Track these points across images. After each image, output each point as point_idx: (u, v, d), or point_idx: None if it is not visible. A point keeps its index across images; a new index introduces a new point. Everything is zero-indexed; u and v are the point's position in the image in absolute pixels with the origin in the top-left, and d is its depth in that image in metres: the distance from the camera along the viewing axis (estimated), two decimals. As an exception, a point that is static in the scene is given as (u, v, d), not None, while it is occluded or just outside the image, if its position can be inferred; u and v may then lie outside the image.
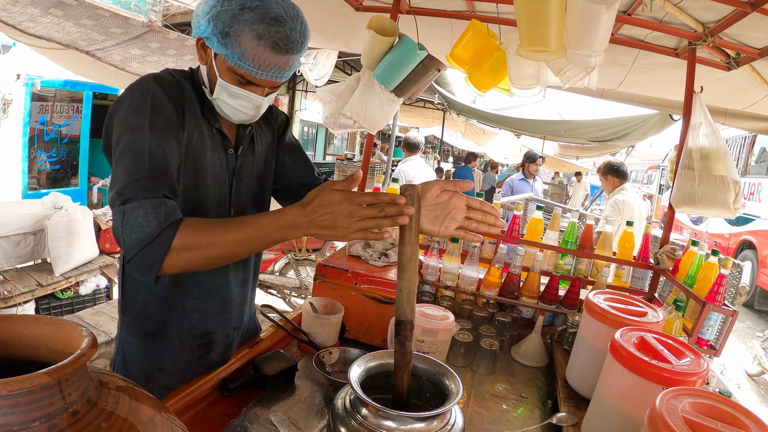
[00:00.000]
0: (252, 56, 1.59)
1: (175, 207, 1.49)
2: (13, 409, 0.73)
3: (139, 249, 1.42)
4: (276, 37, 1.58)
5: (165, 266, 1.43)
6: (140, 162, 1.49)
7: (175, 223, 1.44)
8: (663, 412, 1.20)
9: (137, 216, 1.42)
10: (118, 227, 1.44)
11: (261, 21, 1.55)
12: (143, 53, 6.13)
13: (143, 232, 1.41)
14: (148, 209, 1.43)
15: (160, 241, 1.41)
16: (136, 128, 1.53)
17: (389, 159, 11.47)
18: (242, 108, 1.74)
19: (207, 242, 1.44)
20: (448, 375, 1.39)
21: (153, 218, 1.42)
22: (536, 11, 2.38)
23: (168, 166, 1.55)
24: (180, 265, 1.45)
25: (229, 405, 1.81)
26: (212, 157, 1.80)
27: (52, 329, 0.90)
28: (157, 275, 1.45)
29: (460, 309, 2.79)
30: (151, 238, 1.41)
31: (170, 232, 1.42)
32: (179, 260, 1.44)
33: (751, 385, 7.58)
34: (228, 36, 1.56)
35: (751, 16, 2.69)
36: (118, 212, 1.44)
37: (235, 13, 1.55)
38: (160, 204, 1.44)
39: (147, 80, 1.64)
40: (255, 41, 1.56)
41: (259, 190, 2.05)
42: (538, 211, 3.16)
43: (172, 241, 1.42)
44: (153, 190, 1.46)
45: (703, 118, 3.06)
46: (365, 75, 3.23)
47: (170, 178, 1.55)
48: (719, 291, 2.52)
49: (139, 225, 1.41)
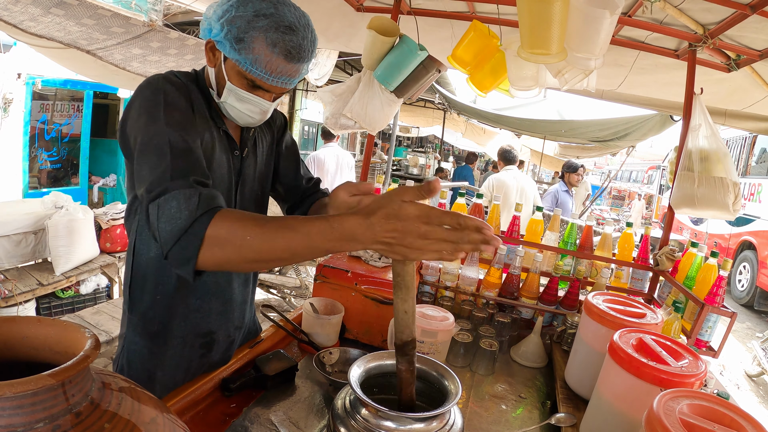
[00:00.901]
0: (264, 63, 1.60)
1: (211, 194, 1.41)
2: (17, 410, 0.73)
3: (174, 242, 1.34)
4: (289, 46, 1.59)
5: (201, 260, 1.33)
6: (162, 155, 1.45)
7: (210, 212, 1.35)
8: (660, 413, 1.21)
9: (171, 207, 1.36)
10: (154, 221, 1.39)
11: (275, 29, 1.57)
12: (144, 53, 6.12)
13: (176, 224, 1.34)
14: (180, 199, 1.37)
15: (193, 232, 1.32)
16: (151, 125, 1.52)
17: (389, 159, 11.46)
18: (249, 112, 1.75)
19: (242, 239, 1.30)
20: (448, 376, 1.39)
21: (185, 208, 1.35)
22: (539, 14, 2.38)
23: (191, 152, 1.51)
24: (215, 261, 1.34)
25: (230, 405, 1.82)
26: (220, 158, 1.81)
27: (55, 331, 0.91)
28: (194, 269, 1.35)
29: (459, 309, 2.80)
30: (184, 229, 1.33)
31: (203, 222, 1.33)
32: (214, 254, 1.33)
33: (750, 385, 7.58)
34: (242, 42, 1.57)
35: (752, 18, 2.70)
36: (153, 207, 1.39)
37: (249, 20, 1.56)
38: (192, 193, 1.38)
39: (156, 79, 1.64)
40: (268, 48, 1.58)
41: (260, 191, 2.07)
42: (538, 212, 3.16)
43: (205, 232, 1.32)
44: (183, 177, 1.42)
45: (703, 119, 3.07)
46: (366, 75, 3.24)
47: (198, 162, 1.51)
48: (718, 293, 2.53)
49: (172, 216, 1.35)
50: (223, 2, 1.61)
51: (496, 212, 3.09)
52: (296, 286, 6.98)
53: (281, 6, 1.61)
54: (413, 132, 24.71)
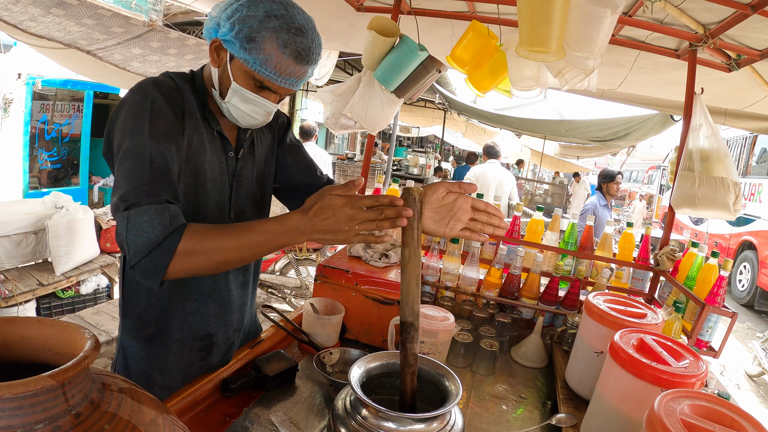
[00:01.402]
0: (274, 63, 1.61)
1: (178, 212, 1.49)
2: (17, 411, 0.73)
3: (145, 254, 1.42)
4: (300, 48, 1.61)
5: (170, 271, 1.43)
6: (142, 167, 1.49)
7: (180, 228, 1.44)
8: (661, 414, 1.21)
9: (141, 221, 1.42)
10: (122, 232, 1.44)
11: (287, 30, 1.58)
12: (144, 53, 6.13)
13: (148, 238, 1.41)
14: (152, 214, 1.43)
15: (165, 246, 1.41)
16: (136, 133, 1.53)
17: (390, 159, 11.48)
18: (253, 113, 1.75)
19: (211, 247, 1.45)
20: (448, 376, 1.40)
21: (158, 223, 1.42)
22: (540, 11, 2.38)
23: (169, 170, 1.55)
24: (184, 270, 1.45)
25: (230, 405, 1.82)
26: (212, 160, 1.80)
27: (55, 331, 0.91)
28: (161, 280, 1.45)
29: (460, 310, 2.79)
30: (156, 243, 1.41)
31: (175, 237, 1.42)
32: (184, 265, 1.44)
33: (750, 385, 7.58)
34: (253, 41, 1.57)
35: (752, 18, 2.69)
36: (122, 218, 1.44)
37: (261, 20, 1.56)
38: (164, 209, 1.44)
39: (146, 85, 1.64)
40: (279, 49, 1.59)
41: (259, 192, 2.06)
42: (538, 212, 3.16)
43: (177, 246, 1.42)
44: (156, 195, 1.46)
45: (704, 119, 3.06)
46: (366, 75, 3.24)
47: (172, 183, 1.55)
48: (719, 293, 2.52)
49: (143, 230, 1.41)
50: (231, 1, 1.61)
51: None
52: (296, 287, 6.99)
53: (291, 8, 1.62)
54: (413, 132, 24.74)
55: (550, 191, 16.71)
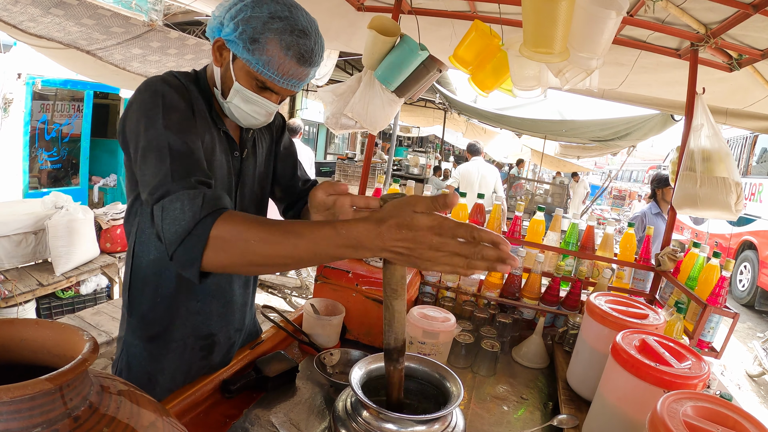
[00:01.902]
0: (277, 65, 1.61)
1: (215, 195, 1.40)
2: (15, 415, 0.72)
3: (179, 243, 1.33)
4: (303, 50, 1.61)
5: (206, 262, 1.32)
6: (162, 158, 1.45)
7: (214, 213, 1.33)
8: (664, 415, 1.20)
9: (175, 208, 1.36)
10: (159, 223, 1.38)
11: (290, 32, 1.58)
12: (144, 52, 6.13)
13: (180, 225, 1.33)
14: (184, 200, 1.36)
15: (197, 233, 1.31)
16: (150, 128, 1.51)
17: (390, 158, 11.48)
18: (254, 113, 1.75)
19: (246, 243, 1.28)
20: (449, 377, 1.39)
21: (189, 209, 1.34)
22: (545, 12, 2.37)
23: (192, 153, 1.50)
24: (220, 262, 1.32)
25: (230, 406, 1.81)
26: (220, 159, 1.80)
27: (53, 333, 0.90)
28: (200, 272, 1.34)
29: (461, 310, 2.79)
30: (188, 231, 1.32)
31: (207, 223, 1.31)
32: (218, 256, 1.31)
33: (751, 386, 7.58)
34: (256, 42, 1.57)
35: (754, 18, 2.69)
36: (157, 208, 1.39)
37: (265, 21, 1.56)
38: (197, 194, 1.37)
39: (155, 81, 1.63)
40: (282, 51, 1.59)
41: (260, 192, 2.06)
42: (540, 212, 3.16)
43: (209, 233, 1.31)
44: (184, 178, 1.42)
45: (705, 119, 3.06)
46: (366, 75, 3.23)
47: (198, 162, 1.51)
48: (721, 293, 2.52)
49: (176, 218, 1.35)
50: (236, 1, 1.61)
51: (497, 212, 3.08)
52: (297, 287, 6.99)
53: (294, 10, 1.62)
54: (414, 132, 24.75)
55: (551, 191, 16.70)
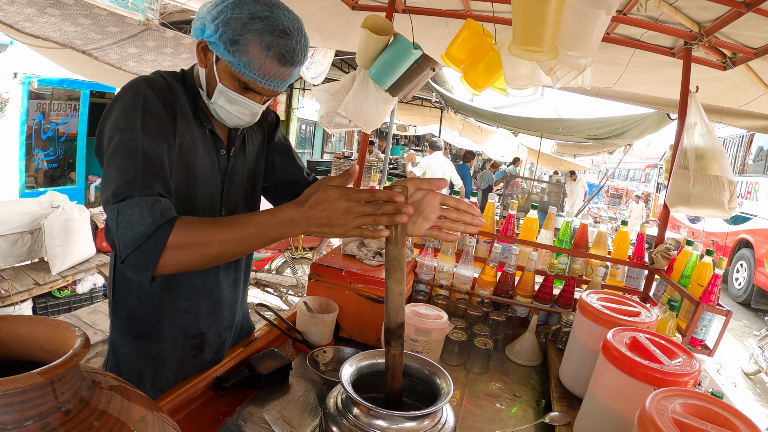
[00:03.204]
0: (258, 66, 1.61)
1: (169, 205, 1.46)
2: (7, 408, 0.73)
3: (135, 247, 1.38)
4: (283, 50, 1.60)
5: (161, 265, 1.40)
6: (133, 161, 1.47)
7: (171, 221, 1.41)
8: (653, 413, 1.21)
9: (132, 213, 1.39)
10: (113, 225, 1.42)
11: (270, 32, 1.57)
12: (140, 52, 6.12)
13: (138, 230, 1.38)
14: (143, 207, 1.40)
15: (156, 238, 1.38)
16: (127, 129, 1.52)
17: (386, 157, 11.48)
18: (239, 114, 1.75)
19: (202, 240, 1.41)
20: (440, 374, 1.40)
21: (148, 216, 1.40)
22: (534, 10, 2.38)
23: (162, 165, 1.54)
24: (176, 264, 1.42)
25: (224, 404, 1.82)
26: (203, 158, 1.81)
27: (46, 329, 0.91)
28: (152, 275, 1.41)
29: (454, 308, 2.80)
30: (146, 236, 1.38)
31: (166, 230, 1.39)
32: (175, 259, 1.41)
33: (747, 383, 7.60)
34: (236, 44, 1.57)
35: (747, 16, 2.69)
36: (112, 210, 1.42)
37: (245, 22, 1.56)
38: (155, 202, 1.42)
39: (138, 83, 1.64)
40: (263, 52, 1.58)
41: (250, 189, 2.06)
42: (533, 211, 3.17)
43: (167, 239, 1.39)
44: (147, 188, 1.45)
45: (699, 117, 3.07)
46: (360, 74, 3.24)
47: (164, 177, 1.54)
48: (713, 291, 2.53)
49: (133, 222, 1.39)
50: (217, 2, 1.61)
51: (491, 210, 3.10)
52: (293, 285, 6.99)
53: (276, 9, 1.61)
54: (410, 130, 24.71)
55: (547, 189, 16.70)
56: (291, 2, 1.71)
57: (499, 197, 15.40)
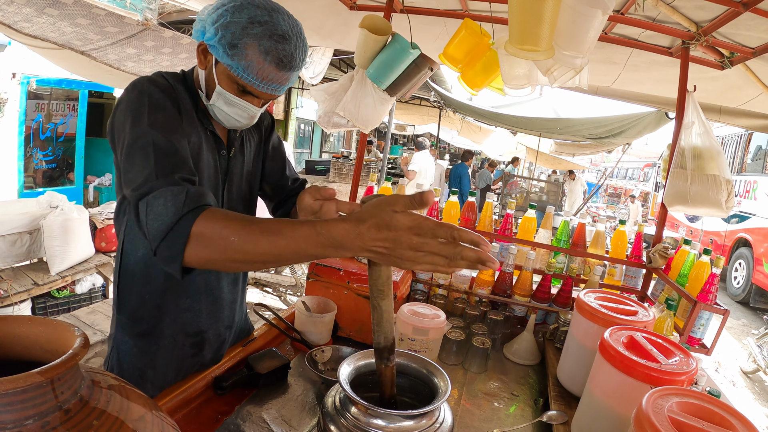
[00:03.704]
0: (256, 70, 1.61)
1: (199, 191, 1.41)
2: (7, 407, 0.74)
3: (161, 239, 1.34)
4: (282, 55, 1.61)
5: (187, 258, 1.32)
6: (147, 155, 1.46)
7: (196, 210, 1.34)
8: (649, 412, 1.22)
9: (158, 204, 1.37)
10: (143, 218, 1.39)
11: (269, 37, 1.58)
12: (138, 52, 6.12)
13: (163, 221, 1.34)
14: (168, 196, 1.37)
15: (179, 229, 1.32)
16: (135, 126, 1.52)
17: (385, 156, 11.47)
18: (237, 116, 1.76)
19: (226, 237, 1.28)
20: (437, 373, 1.40)
21: (171, 205, 1.35)
22: (531, 10, 2.38)
23: (176, 152, 1.52)
24: (201, 257, 1.33)
25: (222, 403, 1.82)
26: (207, 159, 1.82)
27: (46, 329, 0.91)
28: (182, 267, 1.34)
29: (452, 307, 2.81)
30: (170, 227, 1.33)
31: (189, 219, 1.32)
32: (199, 252, 1.32)
33: (746, 382, 7.60)
34: (235, 48, 1.58)
35: (745, 16, 2.70)
36: (142, 204, 1.40)
37: (244, 26, 1.56)
38: (181, 191, 1.38)
39: (142, 82, 1.64)
40: (261, 56, 1.59)
41: (248, 191, 2.08)
42: (531, 210, 3.17)
43: (190, 229, 1.31)
44: (169, 175, 1.43)
45: (696, 117, 3.07)
46: (358, 74, 3.24)
47: (183, 160, 1.52)
48: (711, 290, 2.53)
49: (159, 213, 1.36)
50: (218, 6, 1.61)
51: (489, 209, 3.10)
52: (292, 285, 7.00)
53: (275, 14, 1.62)
54: (409, 130, 24.70)
55: (546, 189, 16.71)
56: (289, 2, 1.71)
57: (497, 196, 15.44)
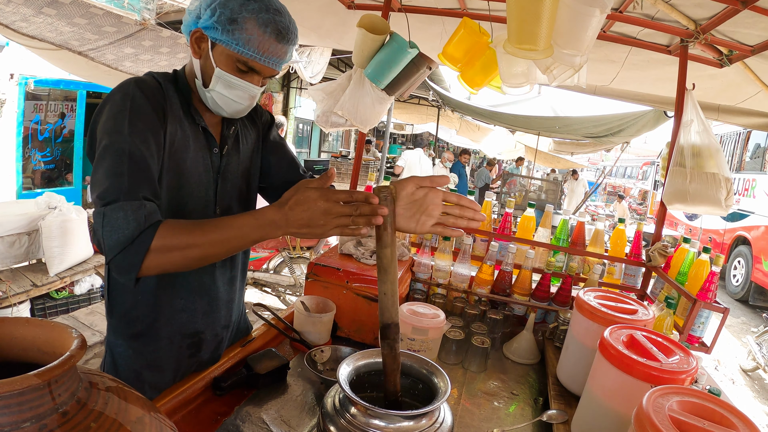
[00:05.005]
0: (257, 43, 1.65)
1: (155, 209, 1.51)
2: (4, 410, 0.73)
3: (119, 250, 1.44)
4: (280, 26, 1.66)
5: (144, 268, 1.45)
6: (120, 164, 1.50)
7: (155, 225, 1.46)
8: (649, 411, 1.21)
9: (117, 218, 1.44)
10: (98, 228, 1.47)
11: (266, 11, 1.64)
12: (136, 52, 6.12)
13: (123, 234, 1.43)
14: (128, 211, 1.45)
15: (140, 242, 1.43)
16: (115, 131, 1.55)
17: (383, 156, 11.48)
18: (237, 98, 1.77)
19: (186, 243, 1.47)
20: (437, 373, 1.40)
21: (132, 220, 1.44)
22: (529, 9, 2.38)
23: (148, 168, 1.57)
24: (159, 266, 1.47)
25: (221, 404, 1.82)
26: (195, 157, 1.81)
27: (43, 331, 0.91)
28: (136, 277, 1.46)
29: (452, 307, 2.80)
30: (131, 240, 1.43)
31: (149, 234, 1.44)
32: (158, 261, 1.46)
33: (745, 380, 7.61)
34: (235, 23, 1.61)
35: (743, 13, 2.69)
36: (98, 214, 1.47)
37: (241, 3, 1.61)
38: (140, 206, 1.47)
39: (127, 84, 1.65)
40: (261, 29, 1.64)
41: (245, 188, 2.07)
42: (530, 209, 3.17)
43: (151, 243, 1.44)
44: (133, 192, 1.49)
45: (695, 115, 3.07)
46: (356, 73, 3.23)
47: (150, 180, 1.57)
48: (710, 288, 2.53)
49: (118, 227, 1.44)
50: None
51: (488, 208, 3.10)
52: (290, 285, 6.99)
53: None
54: (407, 129, 24.71)
55: (545, 187, 16.72)
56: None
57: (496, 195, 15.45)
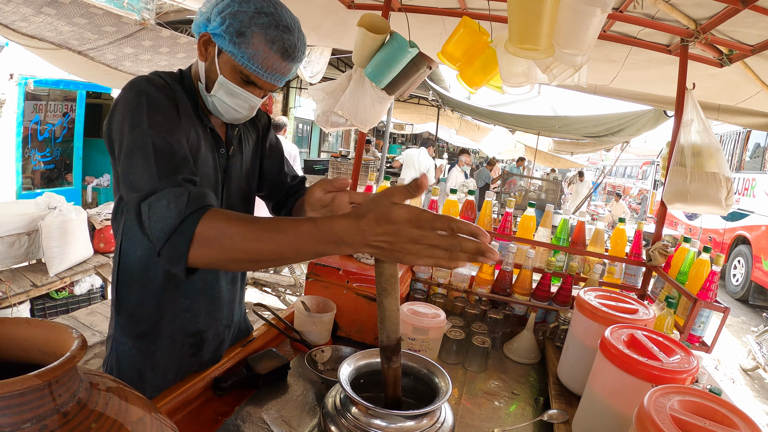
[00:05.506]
0: (262, 59, 1.64)
1: (201, 192, 1.42)
2: (5, 411, 0.73)
3: (165, 240, 1.35)
4: (287, 44, 1.65)
5: (192, 258, 1.34)
6: (147, 157, 1.46)
7: (199, 211, 1.36)
8: (651, 410, 1.21)
9: (161, 206, 1.38)
10: (146, 221, 1.40)
11: (275, 27, 1.61)
12: (136, 51, 6.12)
13: (166, 223, 1.35)
14: (170, 198, 1.38)
15: (183, 230, 1.33)
16: (134, 127, 1.52)
17: (383, 156, 11.47)
18: (237, 107, 1.77)
19: (230, 242, 1.29)
20: (438, 373, 1.39)
21: (174, 207, 1.36)
22: (530, 9, 2.37)
23: (175, 152, 1.52)
24: (206, 258, 1.34)
25: (222, 404, 1.82)
26: (206, 157, 1.81)
27: (43, 331, 0.91)
28: (186, 267, 1.36)
29: (452, 306, 2.80)
30: (174, 228, 1.34)
31: (192, 221, 1.34)
32: (203, 255, 1.34)
33: (745, 380, 7.61)
34: (242, 36, 1.60)
35: (743, 13, 2.69)
36: (144, 206, 1.40)
37: (251, 15, 1.59)
38: (183, 192, 1.40)
39: (139, 81, 1.63)
40: (267, 45, 1.62)
41: (247, 188, 2.08)
42: (530, 208, 3.17)
43: (194, 231, 1.33)
44: (170, 176, 1.44)
45: (695, 114, 3.07)
46: (356, 73, 3.23)
47: (184, 160, 1.52)
48: (711, 288, 2.53)
49: (162, 215, 1.37)
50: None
51: (488, 208, 3.09)
52: (291, 285, 6.99)
53: (279, 7, 1.66)
54: (407, 129, 24.71)
55: (545, 187, 16.72)
56: (287, 1, 1.72)
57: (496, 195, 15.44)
